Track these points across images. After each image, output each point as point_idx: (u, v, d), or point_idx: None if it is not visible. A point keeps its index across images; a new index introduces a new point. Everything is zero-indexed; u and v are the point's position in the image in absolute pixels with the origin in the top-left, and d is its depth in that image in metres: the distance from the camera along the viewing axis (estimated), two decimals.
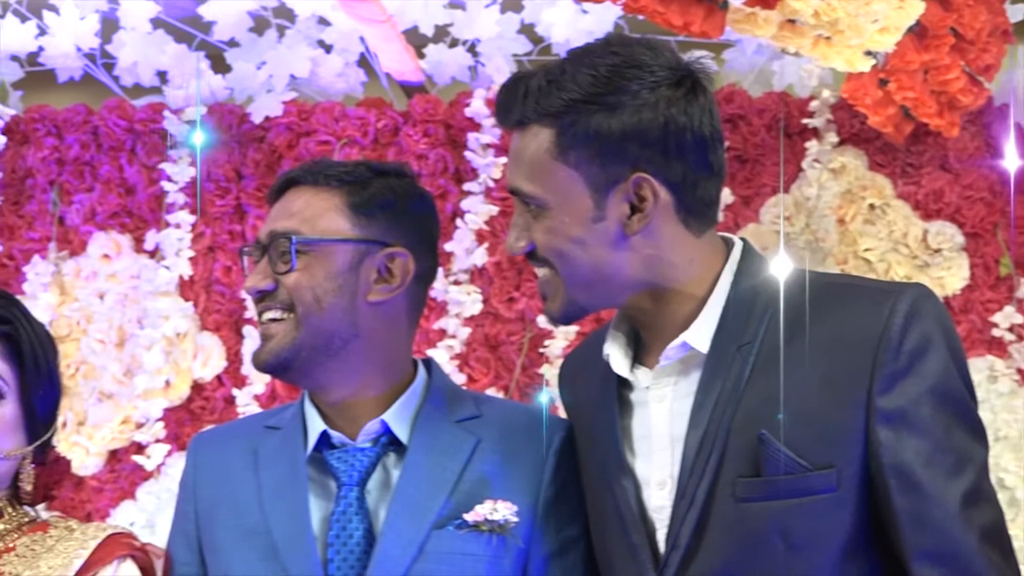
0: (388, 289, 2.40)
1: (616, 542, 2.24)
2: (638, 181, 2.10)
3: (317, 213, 2.39)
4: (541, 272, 2.21)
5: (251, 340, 4.18)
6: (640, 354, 2.26)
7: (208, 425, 4.17)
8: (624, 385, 2.26)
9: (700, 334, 2.15)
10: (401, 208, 2.45)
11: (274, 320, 2.37)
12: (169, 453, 4.17)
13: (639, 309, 2.21)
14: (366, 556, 2.34)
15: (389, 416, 2.42)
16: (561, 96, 2.12)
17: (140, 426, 4.21)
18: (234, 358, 4.24)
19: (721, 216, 2.55)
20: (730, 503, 2.10)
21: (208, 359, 4.22)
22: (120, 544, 2.48)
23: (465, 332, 4.16)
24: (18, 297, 4.04)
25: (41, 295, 4.24)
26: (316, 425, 2.45)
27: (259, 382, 4.16)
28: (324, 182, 2.41)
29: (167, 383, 4.20)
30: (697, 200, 2.15)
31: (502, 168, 4.19)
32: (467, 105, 4.22)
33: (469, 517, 2.34)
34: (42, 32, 4.37)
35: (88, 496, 4.18)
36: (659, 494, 2.18)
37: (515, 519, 2.33)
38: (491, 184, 4.18)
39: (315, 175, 2.43)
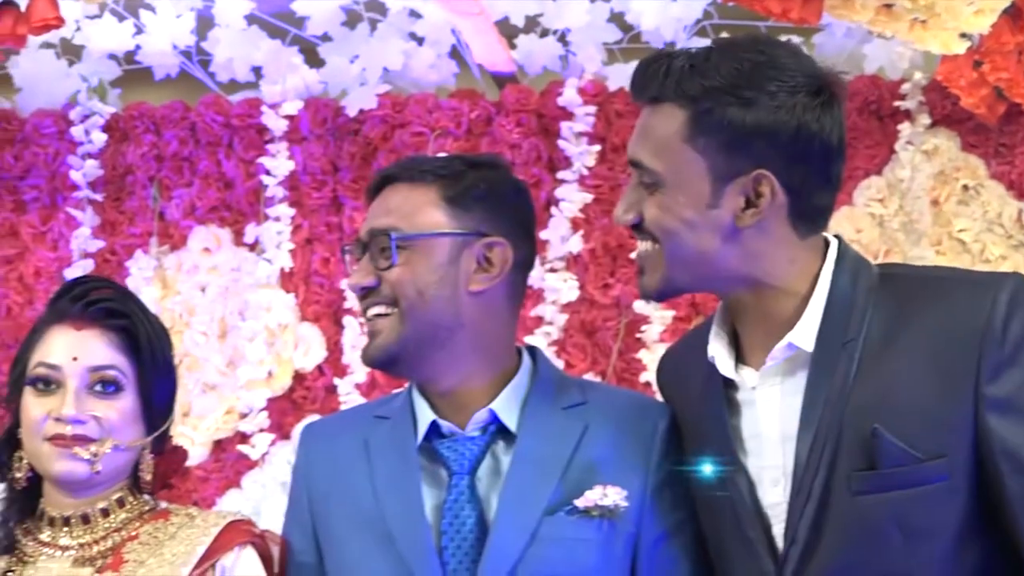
0: (488, 278, 2.43)
1: (731, 536, 2.27)
2: (759, 177, 2.13)
3: (414, 208, 2.43)
4: (643, 246, 2.24)
5: (351, 330, 4.24)
6: (742, 353, 2.29)
7: (310, 414, 4.23)
8: (728, 384, 2.29)
9: (805, 333, 2.18)
10: (496, 198, 2.48)
11: (379, 316, 2.41)
12: (273, 442, 4.24)
13: (739, 304, 2.24)
14: (479, 543, 2.38)
15: (497, 405, 2.46)
16: (702, 82, 2.14)
17: (244, 416, 4.28)
18: (334, 348, 4.30)
19: None
20: (846, 497, 2.13)
21: (309, 349, 4.28)
22: (240, 531, 2.54)
23: (562, 319, 4.20)
24: None
25: (144, 289, 4.30)
26: (425, 415, 2.49)
27: (360, 371, 4.22)
28: (419, 177, 2.45)
29: (269, 373, 4.26)
30: (811, 207, 2.18)
31: (595, 156, 4.22)
32: (559, 94, 4.26)
33: (580, 503, 2.37)
34: (139, 31, 4.43)
35: (194, 485, 4.25)
36: (773, 491, 2.21)
37: (625, 504, 2.37)
38: (585, 172, 4.21)
39: (410, 171, 2.48)
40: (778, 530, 2.20)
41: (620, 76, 4.29)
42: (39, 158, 4.50)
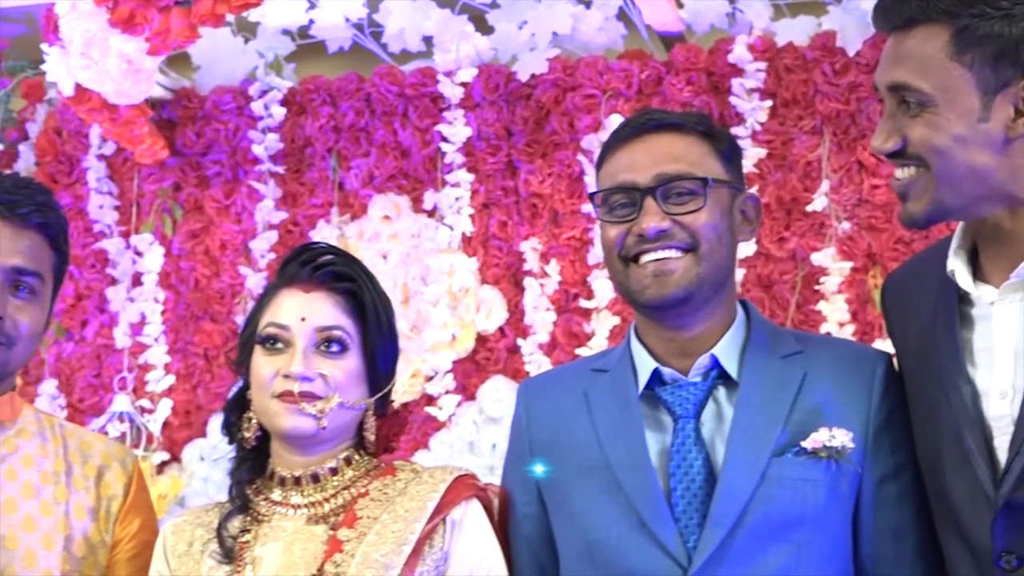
0: (750, 231, 2.60)
1: (949, 452, 2.32)
2: None
3: (699, 158, 2.53)
4: (906, 172, 2.28)
5: (532, 292, 4.30)
6: (980, 271, 2.33)
7: (493, 375, 4.32)
8: (962, 300, 2.33)
9: None
10: (739, 157, 2.59)
11: (670, 258, 2.49)
12: (459, 403, 4.32)
13: (988, 224, 2.28)
14: (707, 485, 2.45)
15: (719, 351, 2.54)
16: None
17: (430, 379, 4.36)
18: (514, 309, 4.37)
19: None
20: None
21: (490, 311, 4.35)
22: (467, 485, 2.63)
23: (739, 273, 4.22)
24: None
25: None
26: (647, 364, 2.57)
27: (542, 332, 4.28)
28: (692, 130, 2.55)
29: (453, 336, 4.33)
30: None
31: (767, 111, 4.24)
32: (729, 52, 4.27)
33: (807, 444, 2.44)
34: (312, 5, 4.50)
35: None
36: (1000, 403, 2.25)
37: (852, 445, 2.43)
38: (757, 128, 4.23)
39: (679, 122, 2.57)
40: (1000, 442, 2.24)
41: (788, 31, 4.30)
42: (220, 134, 4.61)
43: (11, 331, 2.68)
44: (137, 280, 4.63)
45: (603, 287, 4.21)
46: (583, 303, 4.26)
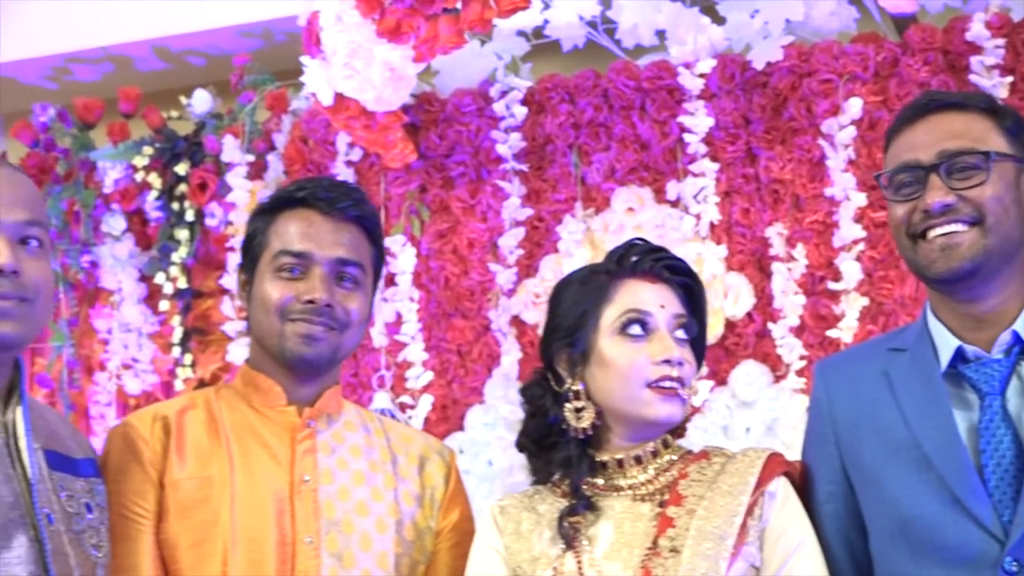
0: None
1: None
2: None
3: (983, 134, 2.58)
4: None
5: (780, 276, 4.36)
6: None
7: (743, 360, 4.39)
8: None
9: None
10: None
11: (957, 232, 2.55)
12: (712, 388, 4.39)
13: None
14: (1017, 460, 2.49)
15: (1020, 326, 2.59)
16: None
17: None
18: (761, 294, 4.43)
19: None
20: None
21: (738, 297, 4.41)
22: (779, 463, 2.74)
23: None
24: (553, 256, 4.34)
25: (576, 251, 4.50)
26: (948, 342, 2.62)
27: (792, 315, 4.34)
28: (973, 106, 2.61)
29: None
30: None
31: (1008, 87, 4.25)
32: (965, 30, 4.27)
33: None
34: (546, 6, 4.59)
35: None
36: None
37: None
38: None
39: (961, 101, 2.63)
40: None
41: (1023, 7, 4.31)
42: (462, 135, 4.72)
43: (342, 316, 2.85)
44: (390, 280, 4.77)
45: (851, 269, 4.26)
46: (831, 285, 4.31)
